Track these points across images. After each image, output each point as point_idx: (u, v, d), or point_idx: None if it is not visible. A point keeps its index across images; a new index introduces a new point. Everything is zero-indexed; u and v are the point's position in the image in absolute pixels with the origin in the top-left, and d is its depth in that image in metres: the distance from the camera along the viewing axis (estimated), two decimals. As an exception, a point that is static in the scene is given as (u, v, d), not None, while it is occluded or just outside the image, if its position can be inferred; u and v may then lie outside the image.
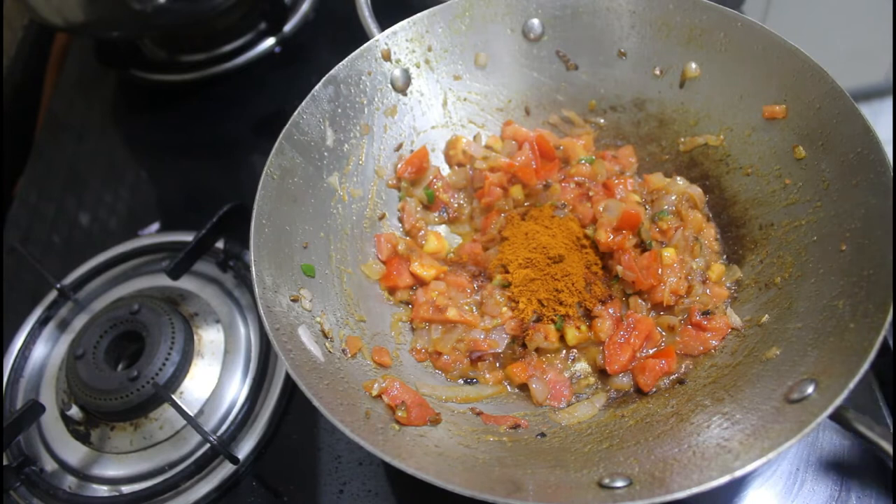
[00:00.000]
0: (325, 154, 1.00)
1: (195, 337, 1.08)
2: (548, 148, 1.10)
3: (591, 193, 1.06)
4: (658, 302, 0.94)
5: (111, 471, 1.01)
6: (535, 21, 1.09)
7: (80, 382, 1.02)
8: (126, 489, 0.99)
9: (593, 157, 1.10)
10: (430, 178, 1.11)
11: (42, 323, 1.19)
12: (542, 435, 0.85)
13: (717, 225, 1.03)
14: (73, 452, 1.03)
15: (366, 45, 1.03)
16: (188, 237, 1.22)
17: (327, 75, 0.99)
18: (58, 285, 1.19)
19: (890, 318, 0.69)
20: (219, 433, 1.01)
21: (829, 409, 0.64)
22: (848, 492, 0.88)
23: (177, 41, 1.61)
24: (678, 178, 1.05)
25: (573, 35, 1.09)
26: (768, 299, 0.89)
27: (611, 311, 0.95)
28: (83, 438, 1.03)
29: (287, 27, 1.61)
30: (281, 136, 0.93)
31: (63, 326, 1.20)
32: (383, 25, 1.05)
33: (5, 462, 1.02)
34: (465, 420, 0.87)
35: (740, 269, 0.96)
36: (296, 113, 0.95)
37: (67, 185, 1.49)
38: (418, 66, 1.09)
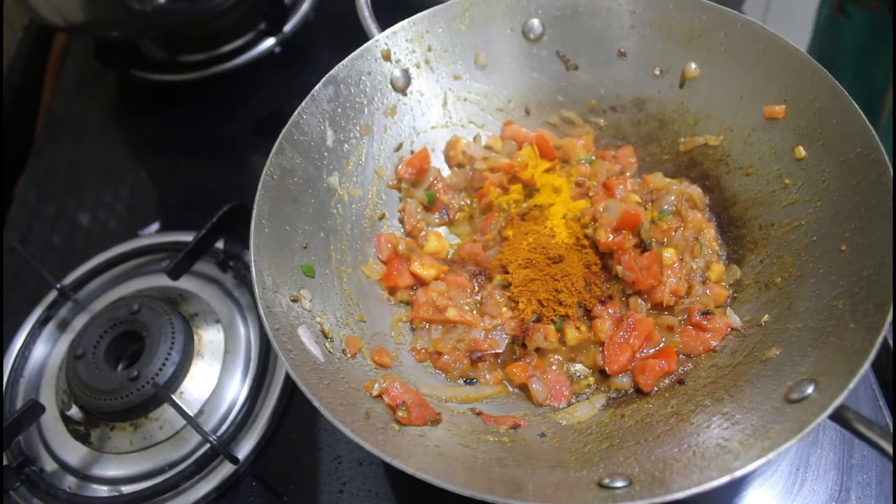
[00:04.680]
0: (325, 154, 1.00)
1: (195, 337, 1.08)
2: (548, 148, 1.10)
3: (591, 193, 1.06)
4: (658, 302, 0.94)
5: (111, 471, 1.01)
6: (535, 21, 1.09)
7: (80, 382, 1.02)
8: (126, 489, 0.99)
9: (593, 157, 1.10)
10: (431, 179, 1.11)
11: (42, 323, 1.19)
12: (542, 435, 0.85)
13: (717, 225, 1.03)
14: (73, 452, 1.03)
15: (366, 45, 1.03)
16: (188, 237, 1.22)
17: (327, 75, 0.99)
18: (58, 285, 1.19)
19: (890, 318, 0.69)
20: (219, 433, 1.01)
21: (829, 409, 0.64)
22: (848, 492, 0.88)
23: (177, 41, 1.61)
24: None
25: (573, 35, 1.09)
26: (768, 299, 0.89)
27: (610, 311, 0.95)
28: (83, 438, 1.03)
29: (287, 27, 1.61)
30: (281, 136, 0.93)
31: (63, 326, 1.20)
32: (383, 25, 1.05)
33: (5, 462, 1.02)
34: (465, 420, 0.87)
35: (740, 269, 0.96)
36: (296, 113, 0.95)
37: (67, 185, 1.49)
38: (418, 66, 1.09)
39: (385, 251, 1.04)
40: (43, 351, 1.17)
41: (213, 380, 1.06)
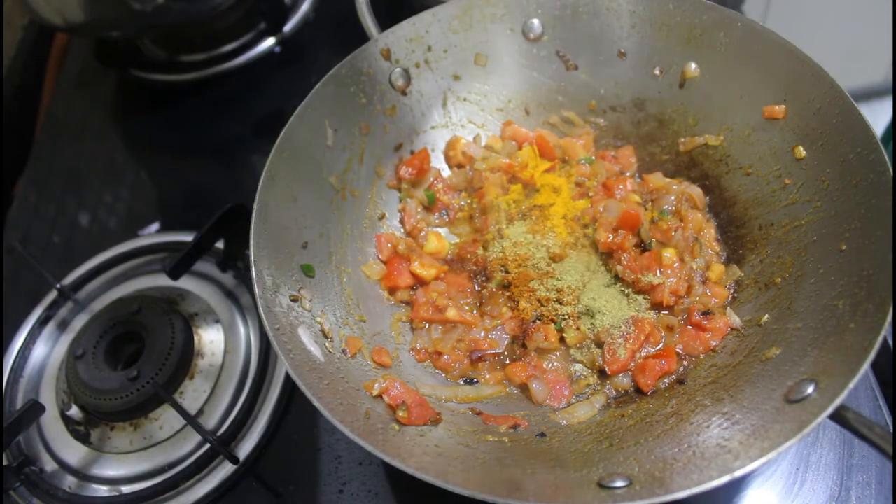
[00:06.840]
0: (325, 154, 1.00)
1: (195, 337, 1.08)
2: (548, 148, 1.10)
3: (591, 193, 1.06)
4: (658, 302, 0.94)
5: (111, 471, 1.01)
6: (535, 21, 1.09)
7: (80, 382, 1.02)
8: (126, 489, 0.99)
9: (593, 157, 1.10)
10: (431, 179, 1.11)
11: (42, 323, 1.19)
12: (542, 435, 0.85)
13: (717, 225, 1.03)
14: (73, 452, 1.03)
15: (366, 45, 1.03)
16: (188, 237, 1.22)
17: (327, 75, 0.99)
18: (58, 285, 1.19)
19: (890, 318, 0.69)
20: (219, 433, 1.01)
21: (829, 409, 0.64)
22: (848, 492, 0.88)
23: (177, 41, 1.61)
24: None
25: (573, 35, 1.09)
26: (768, 299, 0.89)
27: (611, 311, 0.95)
28: (83, 438, 1.03)
29: (287, 27, 1.61)
30: (281, 135, 0.93)
31: (63, 326, 1.19)
32: (383, 25, 1.05)
33: (5, 462, 1.02)
34: (465, 420, 0.87)
35: (740, 269, 0.96)
36: (296, 112, 0.95)
37: (67, 185, 1.49)
38: (418, 66, 1.09)
39: (385, 251, 1.04)
40: (43, 351, 1.17)
41: (213, 379, 1.06)
